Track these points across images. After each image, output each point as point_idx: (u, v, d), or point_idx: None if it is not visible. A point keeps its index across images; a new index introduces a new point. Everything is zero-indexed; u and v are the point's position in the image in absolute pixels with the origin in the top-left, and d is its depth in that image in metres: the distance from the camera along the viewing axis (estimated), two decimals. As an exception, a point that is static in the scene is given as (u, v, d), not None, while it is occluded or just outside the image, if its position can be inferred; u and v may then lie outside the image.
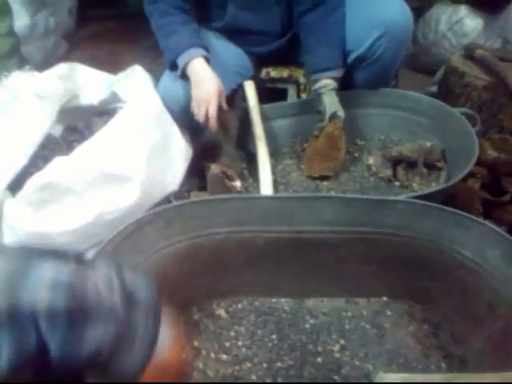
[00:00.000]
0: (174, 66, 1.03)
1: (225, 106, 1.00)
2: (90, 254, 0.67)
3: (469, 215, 0.69)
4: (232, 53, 1.15)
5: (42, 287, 0.31)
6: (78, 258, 0.40)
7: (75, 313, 0.32)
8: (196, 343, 0.80)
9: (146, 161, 0.76)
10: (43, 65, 1.63)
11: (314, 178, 1.09)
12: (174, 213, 0.72)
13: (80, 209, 0.69)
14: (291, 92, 1.29)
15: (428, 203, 0.72)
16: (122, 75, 1.02)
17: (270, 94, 1.27)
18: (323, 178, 1.08)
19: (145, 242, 0.70)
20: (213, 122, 0.97)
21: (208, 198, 0.73)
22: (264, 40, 1.16)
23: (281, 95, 1.30)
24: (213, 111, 0.96)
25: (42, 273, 0.32)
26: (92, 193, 0.70)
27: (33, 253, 0.36)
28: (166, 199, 0.86)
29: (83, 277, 0.34)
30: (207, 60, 1.00)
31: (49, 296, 0.31)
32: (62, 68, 0.97)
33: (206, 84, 0.96)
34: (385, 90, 1.14)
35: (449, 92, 1.25)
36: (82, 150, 0.70)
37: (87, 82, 1.04)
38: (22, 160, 0.77)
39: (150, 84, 0.93)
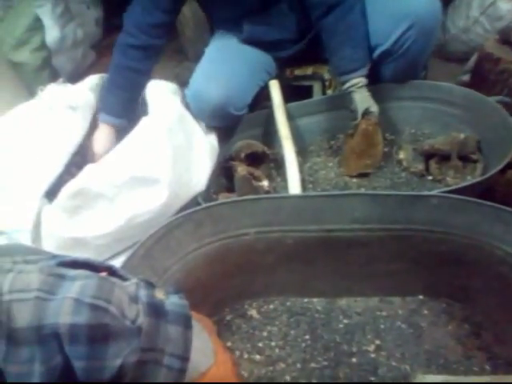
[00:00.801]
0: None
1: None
2: (122, 258, 0.68)
3: (508, 209, 0.65)
4: (258, 53, 1.15)
5: (65, 307, 0.31)
6: (109, 268, 0.40)
7: (95, 331, 0.31)
8: (229, 344, 0.81)
9: (172, 162, 0.77)
10: (73, 75, 1.70)
11: (352, 177, 1.07)
12: (203, 215, 0.72)
13: (112, 213, 0.71)
14: (316, 89, 1.27)
15: (464, 197, 0.69)
16: (149, 86, 1.04)
17: (295, 92, 1.26)
18: (363, 175, 1.06)
19: (175, 245, 0.71)
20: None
21: (236, 199, 0.73)
22: (284, 46, 1.16)
23: (306, 93, 1.29)
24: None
25: (67, 290, 0.32)
26: (122, 197, 0.71)
27: (64, 263, 0.36)
28: (195, 201, 0.87)
29: (108, 291, 0.33)
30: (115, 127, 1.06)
31: (70, 316, 0.31)
32: (92, 80, 1.00)
33: (96, 144, 1.02)
34: (414, 81, 1.10)
35: (483, 80, 1.19)
36: (111, 156, 0.72)
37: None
38: (58, 168, 0.81)
39: (170, 91, 0.94)
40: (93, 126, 1.01)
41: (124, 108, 1.07)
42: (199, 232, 0.74)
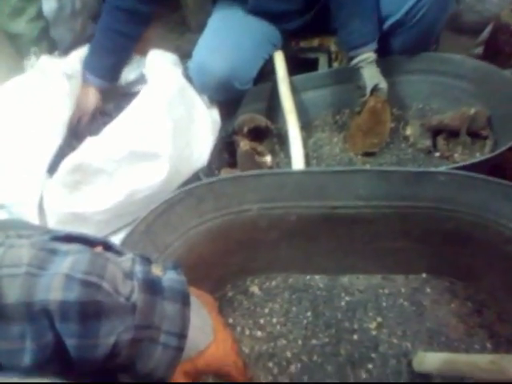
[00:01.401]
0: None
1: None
2: (123, 234, 0.67)
3: (518, 186, 0.63)
4: (263, 23, 1.11)
5: (56, 283, 0.30)
6: (104, 243, 0.39)
7: (87, 308, 0.30)
8: (230, 320, 0.81)
9: (172, 136, 0.75)
10: (72, 46, 1.65)
11: (358, 155, 1.04)
12: (205, 190, 0.71)
13: (111, 188, 0.70)
14: (322, 61, 1.23)
15: (472, 174, 0.66)
16: (148, 57, 1.00)
17: (300, 64, 1.22)
18: (369, 154, 1.04)
19: (177, 221, 0.70)
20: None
21: (239, 175, 0.71)
22: (290, 18, 1.11)
23: (312, 66, 1.25)
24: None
25: (59, 266, 0.31)
26: (122, 172, 0.70)
27: (58, 237, 0.35)
28: (196, 177, 0.86)
29: (101, 266, 0.32)
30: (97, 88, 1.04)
31: (61, 292, 0.29)
32: (86, 49, 0.97)
33: (80, 103, 0.99)
34: (424, 54, 1.06)
35: (497, 52, 1.15)
36: (110, 130, 0.70)
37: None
38: (57, 140, 0.78)
39: (171, 62, 0.91)
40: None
41: (108, 70, 1.04)
42: (201, 208, 0.73)
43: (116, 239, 0.70)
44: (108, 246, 0.39)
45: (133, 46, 1.06)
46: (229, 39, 1.02)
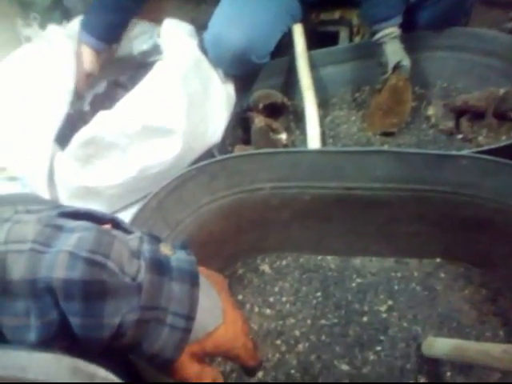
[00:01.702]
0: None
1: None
2: (135, 209, 0.67)
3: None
4: None
5: (60, 260, 0.29)
6: (113, 220, 0.38)
7: (91, 287, 0.29)
8: (240, 297, 0.81)
9: (186, 112, 0.73)
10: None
11: (376, 135, 1.01)
12: (217, 167, 0.70)
13: (124, 163, 0.69)
14: (343, 35, 1.18)
15: (496, 159, 0.63)
16: (163, 26, 0.97)
17: (320, 38, 1.17)
18: (387, 134, 1.00)
19: (189, 197, 0.69)
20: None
21: (252, 152, 0.70)
22: None
23: (332, 40, 1.20)
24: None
25: (64, 242, 0.30)
26: (135, 147, 0.69)
27: (65, 213, 0.34)
28: (210, 153, 0.84)
29: (107, 244, 0.31)
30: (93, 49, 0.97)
31: (64, 270, 0.29)
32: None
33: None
34: (451, 29, 1.00)
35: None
36: (123, 104, 0.68)
37: (127, 32, 1.01)
38: (63, 108, 0.77)
39: (186, 33, 0.88)
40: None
41: (104, 29, 0.98)
42: (213, 185, 0.72)
43: (128, 214, 0.70)
44: (116, 224, 0.38)
45: (136, 9, 1.00)
46: (246, 11, 0.98)
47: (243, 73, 1.02)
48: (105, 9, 0.97)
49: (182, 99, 0.74)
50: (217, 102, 0.83)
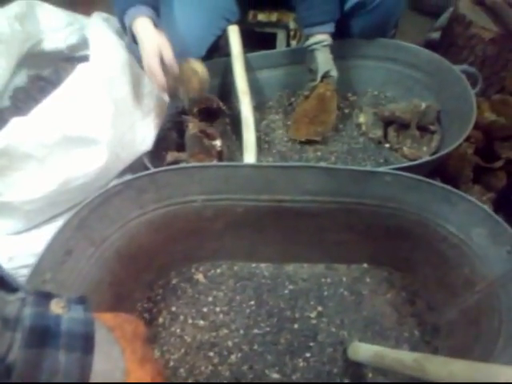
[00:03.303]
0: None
1: (169, 60, 0.82)
2: (59, 222, 0.62)
3: (457, 191, 0.66)
4: None
5: None
6: (5, 281, 0.32)
7: None
8: (174, 308, 0.80)
9: (112, 119, 0.68)
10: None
11: (300, 142, 1.02)
12: (146, 181, 0.67)
13: (42, 176, 0.64)
14: (280, 37, 1.18)
15: (416, 177, 0.68)
16: (91, 20, 0.90)
17: (257, 39, 1.16)
18: (309, 142, 1.02)
19: (115, 213, 0.66)
20: (157, 80, 0.81)
21: (183, 167, 0.68)
22: None
23: (269, 41, 1.19)
24: (152, 69, 0.80)
25: None
26: (54, 158, 0.63)
27: None
28: (140, 161, 0.81)
29: None
30: (152, 20, 0.83)
31: None
32: (18, 6, 0.85)
33: (144, 45, 0.80)
34: (382, 40, 1.04)
35: (451, 43, 1.15)
36: (40, 110, 0.62)
37: (51, 23, 0.92)
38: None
39: (116, 31, 0.82)
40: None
41: None
42: (142, 198, 0.69)
43: (52, 227, 0.65)
44: (4, 284, 0.32)
45: None
46: (178, 14, 0.94)
47: None
48: None
49: (106, 105, 0.70)
50: (146, 107, 0.79)
